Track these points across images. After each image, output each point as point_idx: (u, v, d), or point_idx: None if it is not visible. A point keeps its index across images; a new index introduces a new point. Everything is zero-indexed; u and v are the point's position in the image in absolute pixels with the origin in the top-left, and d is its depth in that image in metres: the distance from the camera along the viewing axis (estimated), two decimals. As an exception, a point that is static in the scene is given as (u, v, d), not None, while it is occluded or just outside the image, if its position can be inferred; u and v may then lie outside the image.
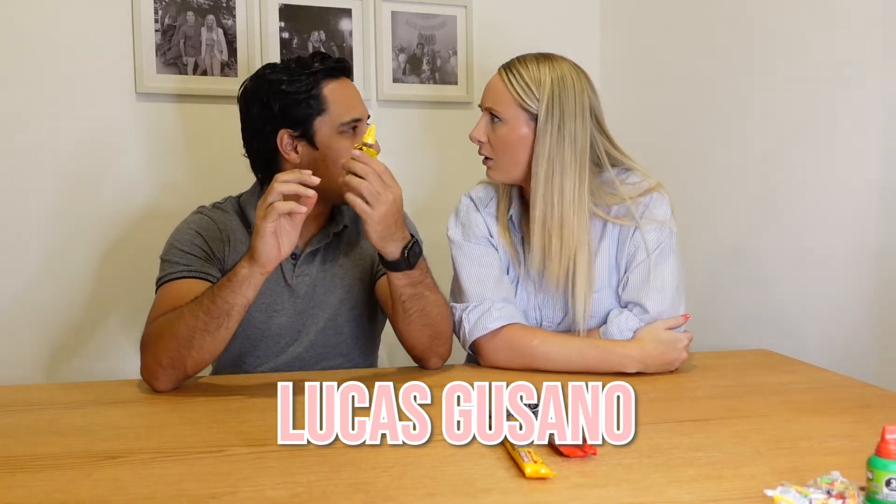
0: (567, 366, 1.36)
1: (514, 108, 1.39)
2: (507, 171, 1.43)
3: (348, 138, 1.41)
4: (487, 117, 1.43)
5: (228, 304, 1.20)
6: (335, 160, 1.39)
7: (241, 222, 1.47)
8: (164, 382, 1.25)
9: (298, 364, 1.47)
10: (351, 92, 1.46)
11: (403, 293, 1.31)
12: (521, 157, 1.41)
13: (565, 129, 1.38)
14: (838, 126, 1.54)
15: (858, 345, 1.51)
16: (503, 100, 1.40)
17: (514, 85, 1.39)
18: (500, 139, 1.41)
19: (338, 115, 1.41)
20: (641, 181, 1.44)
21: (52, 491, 0.87)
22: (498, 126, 1.41)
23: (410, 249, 1.26)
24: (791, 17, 1.65)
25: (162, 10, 1.92)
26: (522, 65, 1.41)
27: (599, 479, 0.89)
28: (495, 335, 1.39)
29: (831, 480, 0.77)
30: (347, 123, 1.41)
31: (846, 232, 1.53)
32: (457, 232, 1.51)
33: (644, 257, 1.40)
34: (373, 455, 0.97)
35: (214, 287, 1.22)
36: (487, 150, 1.43)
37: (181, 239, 1.42)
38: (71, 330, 1.93)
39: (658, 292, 1.38)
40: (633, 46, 2.20)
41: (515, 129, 1.40)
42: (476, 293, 1.43)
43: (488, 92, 1.44)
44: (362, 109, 1.46)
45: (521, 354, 1.38)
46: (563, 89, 1.38)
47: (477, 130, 1.44)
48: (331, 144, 1.41)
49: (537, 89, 1.38)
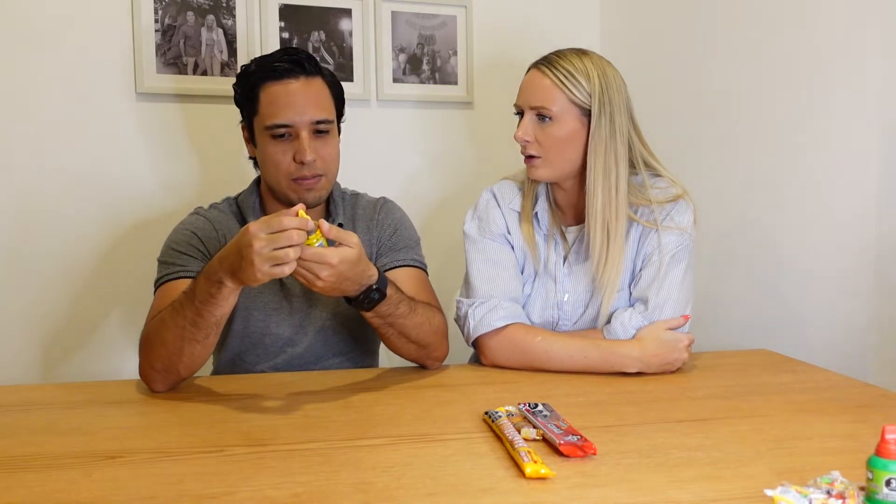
0: (569, 365, 1.36)
1: (565, 103, 1.37)
2: (558, 168, 1.41)
3: (274, 143, 1.38)
4: (533, 116, 1.39)
5: (216, 317, 1.18)
6: (265, 162, 1.40)
7: (238, 222, 1.47)
8: (159, 385, 1.26)
9: (298, 363, 1.47)
10: (289, 97, 1.37)
11: (374, 323, 1.29)
12: (573, 153, 1.40)
13: (615, 123, 1.38)
14: (838, 126, 1.54)
15: (858, 345, 1.51)
16: (552, 97, 1.37)
17: (564, 81, 1.36)
18: (552, 137, 1.38)
19: (264, 116, 1.38)
20: (669, 187, 1.44)
21: (52, 491, 0.87)
22: (548, 124, 1.38)
23: (368, 296, 1.21)
24: (793, 12, 1.64)
25: (162, 10, 1.92)
26: (565, 60, 1.39)
27: (599, 479, 0.89)
28: (498, 333, 1.39)
29: (831, 480, 0.77)
30: (271, 128, 1.37)
31: (846, 232, 1.53)
32: (472, 227, 1.51)
33: (658, 259, 1.40)
34: (373, 455, 0.97)
35: (196, 299, 1.16)
36: (535, 148, 1.40)
37: (177, 240, 1.42)
38: (71, 330, 1.93)
39: (666, 290, 1.39)
40: (633, 45, 2.20)
41: (567, 124, 1.38)
42: (484, 290, 1.43)
43: (533, 90, 1.40)
44: (293, 115, 1.36)
45: (522, 353, 1.38)
46: (609, 83, 1.38)
47: (524, 131, 1.39)
48: (262, 146, 1.40)
49: (587, 83, 1.37)
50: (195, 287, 1.18)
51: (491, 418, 1.06)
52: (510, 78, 1.64)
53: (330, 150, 1.41)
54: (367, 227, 1.51)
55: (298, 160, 1.36)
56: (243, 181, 1.57)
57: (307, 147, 1.36)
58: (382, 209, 1.54)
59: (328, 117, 1.41)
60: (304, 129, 1.37)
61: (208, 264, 1.17)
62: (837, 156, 1.55)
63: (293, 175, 1.38)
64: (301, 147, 1.36)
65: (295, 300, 1.46)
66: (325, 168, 1.40)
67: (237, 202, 1.51)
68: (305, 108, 1.37)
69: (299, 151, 1.36)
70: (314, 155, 1.37)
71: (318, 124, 1.38)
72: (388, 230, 1.51)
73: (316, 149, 1.38)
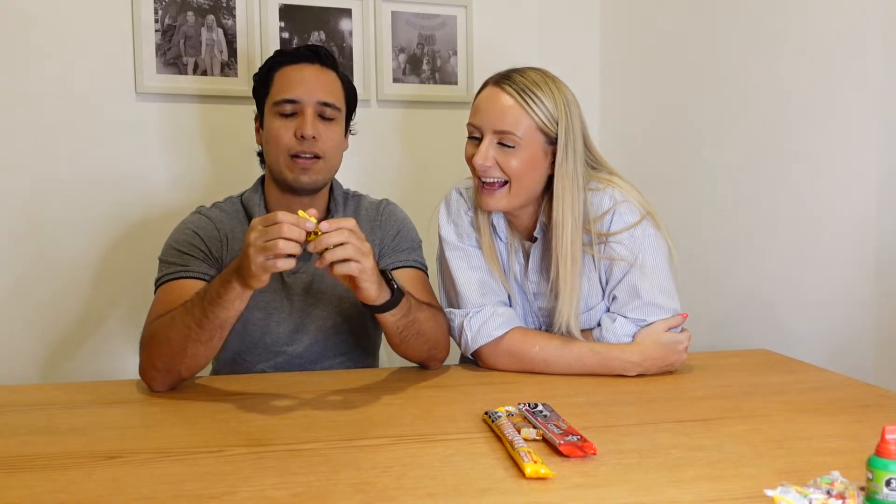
0: (567, 371, 1.36)
1: (533, 131, 1.30)
2: (520, 198, 1.34)
3: (280, 120, 1.40)
4: (493, 140, 1.30)
5: (221, 319, 1.19)
6: (269, 139, 1.42)
7: (242, 220, 1.47)
8: (159, 384, 1.26)
9: (299, 363, 1.47)
10: (299, 75, 1.40)
11: (400, 325, 1.27)
12: (538, 180, 1.34)
13: (577, 150, 1.32)
14: (838, 126, 1.54)
15: (858, 345, 1.51)
16: (521, 123, 1.29)
17: (535, 108, 1.29)
18: (516, 165, 1.30)
19: (275, 94, 1.41)
20: (601, 199, 1.36)
21: (52, 491, 0.87)
22: (511, 151, 1.30)
23: (391, 281, 1.22)
24: (791, 17, 1.64)
25: (162, 10, 1.92)
26: (532, 82, 1.31)
27: (599, 479, 0.89)
28: (497, 343, 1.38)
29: (831, 480, 0.77)
30: (279, 103, 1.40)
31: (846, 232, 1.53)
32: (450, 231, 1.45)
33: (621, 273, 1.36)
34: (373, 455, 0.97)
35: (205, 299, 1.18)
36: (498, 173, 1.31)
37: (179, 239, 1.42)
38: (70, 330, 1.93)
39: (649, 305, 1.36)
40: (633, 46, 2.20)
41: (533, 153, 1.30)
42: (475, 299, 1.40)
43: (496, 112, 1.30)
44: (301, 92, 1.39)
45: (520, 361, 1.37)
46: (571, 109, 1.32)
47: (483, 156, 1.30)
48: (268, 124, 1.43)
49: (555, 110, 1.30)
50: (207, 288, 1.20)
51: (491, 418, 1.06)
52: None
53: (332, 136, 1.43)
54: (371, 228, 1.51)
55: (299, 134, 1.38)
56: (243, 181, 1.57)
57: (309, 122, 1.38)
58: (385, 210, 1.54)
59: (335, 103, 1.43)
60: (309, 106, 1.40)
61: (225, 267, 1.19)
62: (837, 156, 1.55)
63: (292, 150, 1.39)
64: (303, 121, 1.38)
65: (295, 300, 1.46)
66: (324, 151, 1.41)
67: (241, 200, 1.51)
68: (315, 88, 1.41)
69: (300, 125, 1.38)
70: (315, 132, 1.39)
71: (324, 107, 1.41)
72: (392, 231, 1.51)
73: (318, 129, 1.40)
